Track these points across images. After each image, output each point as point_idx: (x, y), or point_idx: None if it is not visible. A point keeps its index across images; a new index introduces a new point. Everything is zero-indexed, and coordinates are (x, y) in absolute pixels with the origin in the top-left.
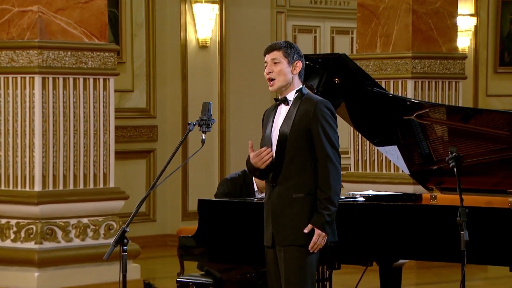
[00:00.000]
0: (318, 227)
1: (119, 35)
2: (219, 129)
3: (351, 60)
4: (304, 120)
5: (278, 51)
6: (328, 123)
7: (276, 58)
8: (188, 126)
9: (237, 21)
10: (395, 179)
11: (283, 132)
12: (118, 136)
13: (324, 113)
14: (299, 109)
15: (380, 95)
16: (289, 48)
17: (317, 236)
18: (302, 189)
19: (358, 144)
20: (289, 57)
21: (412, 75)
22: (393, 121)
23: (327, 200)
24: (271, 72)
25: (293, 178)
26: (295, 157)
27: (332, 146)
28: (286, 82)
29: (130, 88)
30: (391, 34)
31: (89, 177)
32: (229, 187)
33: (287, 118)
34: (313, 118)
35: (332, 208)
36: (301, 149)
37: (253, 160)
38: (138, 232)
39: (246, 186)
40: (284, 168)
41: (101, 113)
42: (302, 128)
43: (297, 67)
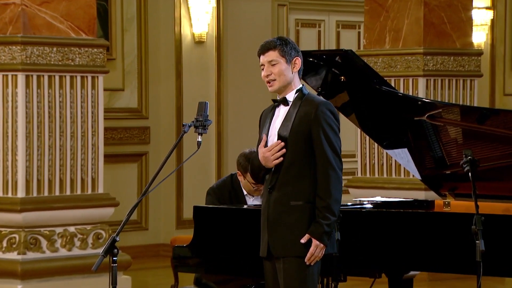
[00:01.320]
0: (315, 237)
1: (108, 29)
2: (216, 131)
3: (358, 56)
4: (304, 123)
5: (273, 50)
6: (330, 126)
7: (273, 60)
8: (183, 128)
9: (235, 14)
10: (405, 184)
11: (282, 135)
12: (108, 138)
13: (326, 115)
14: (299, 111)
15: (389, 94)
16: (285, 45)
17: (315, 248)
18: (301, 196)
19: (366, 147)
20: (286, 56)
21: (423, 73)
22: (403, 122)
23: (326, 208)
24: (270, 74)
25: (291, 185)
26: (293, 162)
27: (333, 151)
28: (287, 82)
29: (120, 87)
30: (401, 29)
31: (76, 182)
32: (217, 195)
33: (286, 120)
34: (314, 121)
35: (332, 218)
36: (300, 153)
37: (264, 154)
38: (129, 242)
39: (234, 192)
40: (282, 174)
41: (89, 114)
42: (301, 131)
43: (296, 64)
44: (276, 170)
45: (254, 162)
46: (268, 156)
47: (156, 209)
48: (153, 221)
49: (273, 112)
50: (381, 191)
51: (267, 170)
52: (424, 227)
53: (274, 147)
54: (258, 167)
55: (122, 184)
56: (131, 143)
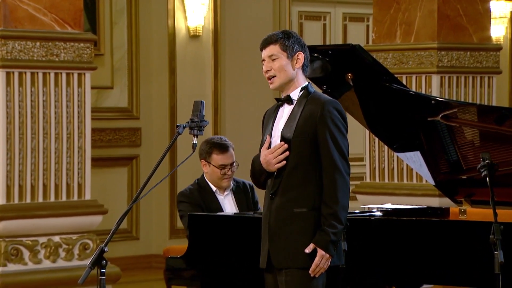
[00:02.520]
0: (321, 247)
1: (96, 22)
2: (213, 133)
3: (366, 52)
4: (310, 123)
5: (274, 44)
6: (337, 127)
7: (273, 54)
8: (177, 129)
9: (233, 6)
10: (417, 190)
11: (285, 136)
12: (95, 140)
13: (333, 115)
14: (304, 110)
15: (400, 92)
16: (287, 38)
17: (320, 258)
18: (305, 202)
19: (375, 150)
20: (288, 50)
21: (437, 69)
22: (415, 123)
23: (332, 216)
24: (270, 70)
25: (295, 190)
26: (298, 166)
27: (340, 154)
28: (288, 79)
29: (109, 85)
30: (413, 22)
31: (61, 188)
32: (189, 198)
33: (290, 120)
34: (319, 121)
35: (339, 226)
36: (305, 156)
37: (266, 157)
38: (119, 252)
39: (203, 190)
40: (285, 178)
41: (75, 114)
42: (306, 132)
43: (299, 59)
44: (278, 174)
45: (255, 165)
46: (270, 159)
47: (147, 217)
48: (145, 230)
49: (276, 112)
50: (391, 198)
51: (269, 174)
52: (438, 236)
53: (276, 149)
54: (259, 171)
55: (111, 190)
56: (121, 145)
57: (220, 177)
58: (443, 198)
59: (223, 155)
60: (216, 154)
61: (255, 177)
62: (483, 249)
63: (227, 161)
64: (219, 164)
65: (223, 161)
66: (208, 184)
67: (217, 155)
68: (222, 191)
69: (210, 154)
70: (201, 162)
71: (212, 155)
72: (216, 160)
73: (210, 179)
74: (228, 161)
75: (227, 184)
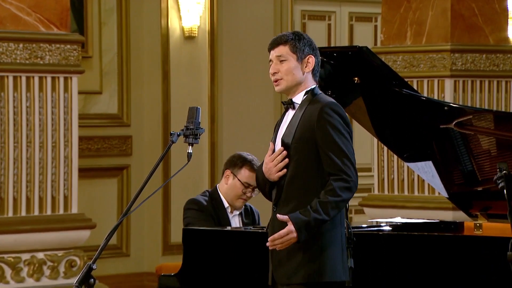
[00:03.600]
0: (295, 224)
1: (84, 23)
2: (209, 141)
3: (374, 54)
4: (308, 128)
5: (284, 45)
6: (336, 129)
7: (282, 55)
8: (170, 137)
9: (231, 5)
10: (429, 203)
11: (285, 143)
12: (83, 149)
13: (331, 117)
14: (304, 114)
15: (410, 98)
16: (298, 40)
17: (286, 233)
18: None
19: (383, 159)
20: (298, 52)
21: (451, 73)
22: (427, 130)
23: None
24: (277, 72)
25: (296, 200)
26: (297, 174)
27: (342, 155)
28: (295, 82)
29: (97, 89)
30: (425, 22)
31: (45, 200)
32: (201, 205)
33: (290, 125)
34: (317, 125)
35: (324, 216)
36: (304, 163)
37: (267, 166)
38: (108, 270)
39: (215, 203)
40: (285, 187)
41: (61, 121)
42: (305, 137)
43: (309, 63)
44: (279, 184)
45: (258, 176)
46: (271, 167)
47: (139, 232)
48: (136, 246)
49: (282, 118)
50: (401, 211)
51: (272, 184)
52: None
53: (276, 156)
54: (263, 181)
55: (99, 203)
56: (110, 154)
57: (238, 195)
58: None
59: (252, 174)
60: (247, 170)
61: (260, 188)
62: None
63: (253, 182)
64: (245, 180)
65: (250, 180)
66: (221, 197)
67: (248, 171)
68: (232, 209)
69: (241, 167)
70: (225, 172)
71: (242, 169)
72: (244, 176)
73: (226, 193)
74: (254, 183)
75: (241, 205)
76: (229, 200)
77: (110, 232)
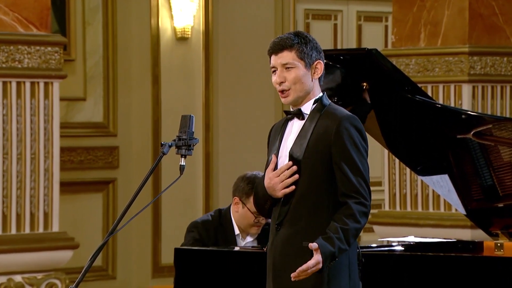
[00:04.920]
0: (323, 254)
1: (66, 22)
2: (204, 152)
3: (384, 57)
4: (323, 141)
5: (289, 50)
6: (356, 146)
7: (288, 62)
8: (161, 148)
9: (228, 3)
10: (445, 220)
11: (294, 156)
12: (65, 161)
13: (351, 133)
14: (317, 126)
15: (424, 105)
16: (305, 44)
17: (315, 263)
18: (316, 235)
19: (395, 172)
20: (306, 58)
21: (469, 78)
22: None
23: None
24: (284, 81)
25: (304, 220)
26: (308, 191)
27: (360, 178)
28: (305, 92)
29: (81, 96)
30: (440, 22)
31: (23, 218)
32: (200, 232)
33: (300, 138)
34: (335, 139)
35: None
36: (317, 180)
37: (271, 181)
38: None
39: (223, 230)
40: (293, 206)
41: (41, 130)
42: (319, 151)
43: (317, 69)
44: (285, 201)
45: (258, 190)
46: (276, 183)
47: (126, 252)
48: (123, 267)
49: (284, 127)
50: (414, 229)
51: (275, 201)
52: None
53: (283, 171)
54: (264, 196)
55: (83, 220)
56: (95, 167)
57: (251, 224)
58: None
59: None
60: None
61: (258, 205)
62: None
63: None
64: (255, 210)
65: None
66: (232, 223)
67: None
68: (244, 235)
69: (249, 195)
70: (234, 200)
71: (251, 197)
72: None
73: (238, 220)
74: None
75: (256, 232)
76: (242, 227)
77: (95, 253)
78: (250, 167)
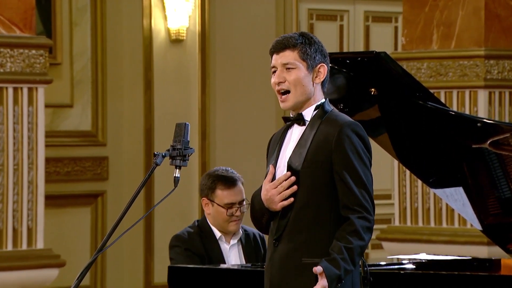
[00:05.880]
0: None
1: (52, 24)
2: (200, 163)
3: (394, 61)
4: (323, 150)
5: (292, 50)
6: (358, 155)
7: (289, 63)
8: (154, 159)
9: (226, 3)
10: (460, 236)
11: (293, 166)
12: (50, 172)
13: (353, 140)
14: (317, 133)
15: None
16: (309, 45)
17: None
18: (317, 250)
19: (405, 185)
20: (309, 59)
21: (485, 83)
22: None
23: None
24: (283, 82)
25: (304, 234)
26: (308, 204)
27: (361, 187)
28: (305, 96)
29: (68, 102)
30: (454, 22)
31: (5, 234)
32: (186, 242)
33: (299, 146)
34: (335, 147)
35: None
36: (317, 191)
37: (268, 193)
38: None
39: (205, 236)
40: (292, 219)
41: (25, 139)
42: (320, 160)
43: (320, 73)
44: (284, 214)
45: (255, 203)
46: (273, 195)
47: (117, 271)
48: (113, 286)
49: (284, 135)
50: (427, 246)
51: (272, 214)
52: None
53: (281, 182)
54: (260, 210)
55: (70, 236)
56: (83, 179)
57: (226, 219)
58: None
59: (229, 191)
60: (221, 189)
61: (255, 219)
62: None
63: (235, 198)
64: (225, 202)
65: (230, 199)
66: (211, 228)
67: (223, 190)
68: (228, 238)
69: (214, 189)
70: (203, 201)
71: (216, 191)
72: (221, 198)
73: (213, 222)
74: (236, 198)
75: (235, 228)
76: (219, 228)
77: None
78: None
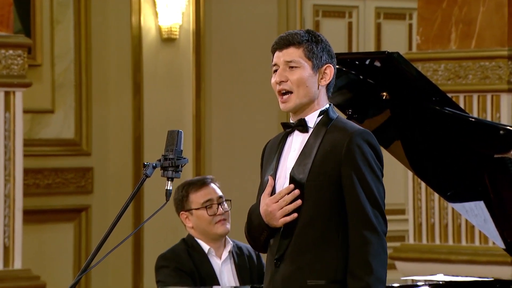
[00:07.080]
0: None
1: (31, 21)
2: (194, 173)
3: (408, 62)
4: (331, 161)
5: (297, 47)
6: (370, 167)
7: (293, 60)
8: (144, 170)
9: None
10: (481, 256)
11: (296, 179)
12: (29, 185)
13: (365, 150)
14: (323, 142)
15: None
16: (315, 43)
17: None
18: (323, 272)
19: (421, 199)
20: (314, 59)
21: (508, 86)
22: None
23: None
24: (285, 81)
25: (309, 254)
26: (314, 220)
27: (374, 205)
28: (308, 98)
29: (48, 107)
30: (474, 20)
31: None
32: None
33: (304, 156)
34: (345, 159)
35: None
36: (324, 207)
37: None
38: None
39: (193, 252)
40: (296, 237)
41: (1, 148)
42: (327, 172)
43: (326, 74)
44: (286, 231)
45: (252, 218)
46: (274, 210)
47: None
48: None
49: (283, 143)
50: (444, 266)
51: (272, 231)
52: None
53: (283, 196)
54: (259, 226)
55: (51, 255)
56: (65, 192)
57: (209, 221)
58: None
59: (202, 190)
60: (194, 192)
61: (252, 236)
62: None
63: (210, 195)
64: (201, 202)
65: (205, 196)
66: (198, 243)
67: (195, 192)
68: (218, 252)
69: (187, 197)
70: (181, 216)
71: (189, 197)
72: (197, 199)
73: (199, 233)
74: (213, 195)
75: (223, 229)
76: (207, 236)
77: None
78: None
